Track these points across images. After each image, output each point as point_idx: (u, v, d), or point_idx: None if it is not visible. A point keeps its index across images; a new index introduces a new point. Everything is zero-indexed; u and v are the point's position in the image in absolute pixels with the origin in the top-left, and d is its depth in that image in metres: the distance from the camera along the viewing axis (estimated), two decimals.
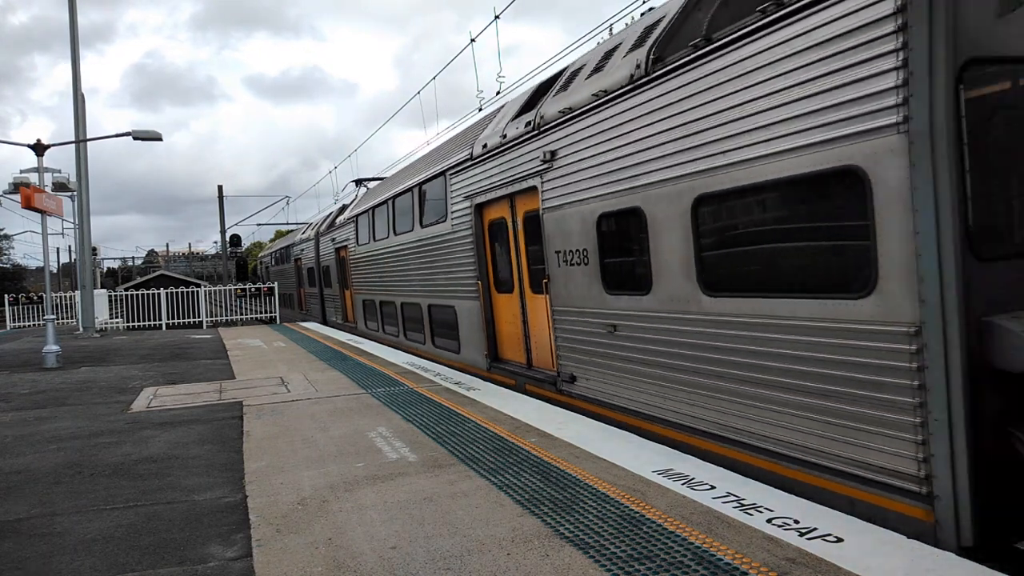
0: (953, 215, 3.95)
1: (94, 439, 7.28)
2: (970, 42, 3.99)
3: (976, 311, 4.03)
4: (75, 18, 20.50)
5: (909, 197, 4.08)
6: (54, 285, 37.62)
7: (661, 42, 6.42)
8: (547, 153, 8.15)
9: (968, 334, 3.98)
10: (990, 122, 4.29)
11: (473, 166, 10.38)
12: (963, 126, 3.99)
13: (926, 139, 3.96)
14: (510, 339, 10.08)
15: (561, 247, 8.07)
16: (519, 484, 5.16)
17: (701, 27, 5.85)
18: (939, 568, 3.41)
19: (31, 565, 4.12)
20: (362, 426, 7.32)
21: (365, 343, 15.92)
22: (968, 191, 4.01)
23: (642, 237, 6.55)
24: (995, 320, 3.99)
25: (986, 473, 3.97)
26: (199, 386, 10.60)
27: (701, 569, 3.65)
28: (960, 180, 3.99)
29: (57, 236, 50.65)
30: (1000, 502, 3.98)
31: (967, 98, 4.00)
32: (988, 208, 4.22)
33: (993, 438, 4.01)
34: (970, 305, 4.00)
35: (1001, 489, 3.99)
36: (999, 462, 3.99)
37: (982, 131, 4.13)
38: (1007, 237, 4.36)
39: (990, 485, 3.97)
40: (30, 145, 17.23)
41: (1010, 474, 3.98)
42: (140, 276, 52.87)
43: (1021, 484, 3.96)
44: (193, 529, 4.57)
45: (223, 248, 44.56)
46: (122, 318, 27.09)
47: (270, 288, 27.41)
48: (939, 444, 4.03)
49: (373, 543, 4.19)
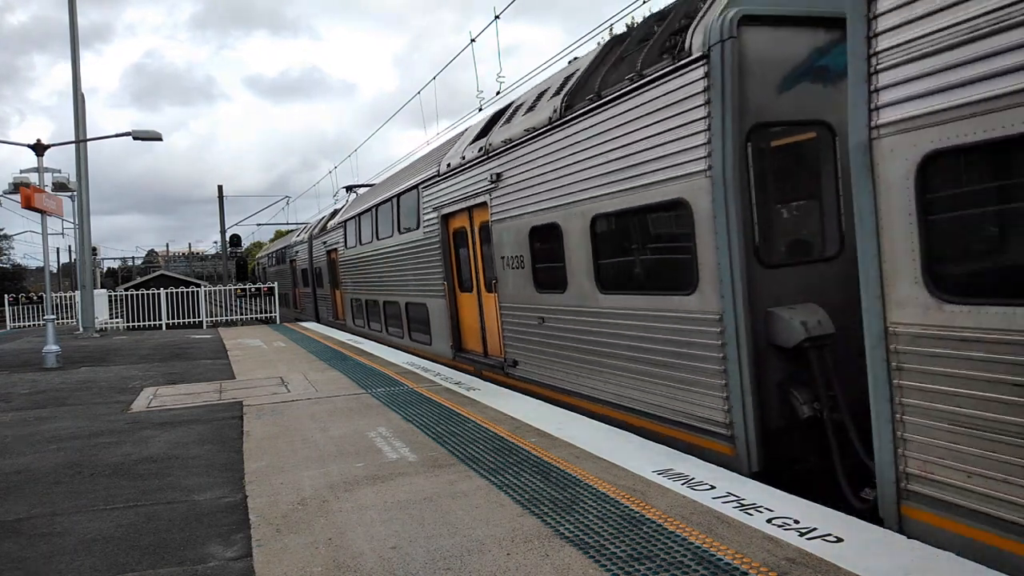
0: (742, 235, 5.48)
1: (94, 439, 7.28)
2: (756, 113, 5.56)
3: (762, 304, 5.60)
4: (75, 18, 20.51)
5: (713, 222, 5.62)
6: (54, 285, 37.63)
7: (572, 92, 7.92)
8: (494, 175, 9.67)
9: (754, 321, 5.54)
10: (770, 168, 5.77)
11: (440, 181, 11.88)
12: (750, 172, 5.57)
13: (721, 181, 5.50)
14: (471, 332, 11.54)
15: (505, 253, 9.57)
16: (519, 484, 5.16)
17: (597, 83, 7.32)
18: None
19: (31, 565, 4.12)
20: (362, 426, 7.32)
21: (365, 343, 15.96)
22: (755, 217, 5.61)
23: (560, 247, 8.08)
24: (774, 310, 5.58)
25: (769, 420, 5.55)
26: (199, 386, 10.60)
27: (701, 569, 3.65)
28: (748, 210, 5.57)
29: (57, 236, 50.65)
30: (780, 440, 5.56)
31: (753, 152, 5.60)
32: (769, 229, 5.76)
33: (776, 396, 5.59)
34: (756, 300, 5.56)
35: (780, 431, 5.57)
36: (779, 413, 5.60)
37: (764, 175, 5.68)
38: (784, 250, 5.90)
39: (771, 429, 5.55)
40: (30, 145, 17.23)
41: (787, 421, 5.58)
42: (140, 276, 52.88)
43: (795, 428, 5.55)
44: (193, 529, 4.57)
45: (223, 248, 44.56)
46: (122, 318, 27.10)
47: (270, 288, 27.42)
48: (735, 400, 5.58)
49: (373, 543, 4.19)
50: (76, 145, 20.80)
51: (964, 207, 3.95)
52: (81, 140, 20.84)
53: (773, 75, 5.67)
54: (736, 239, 5.50)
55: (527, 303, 9.15)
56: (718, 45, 5.49)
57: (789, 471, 5.46)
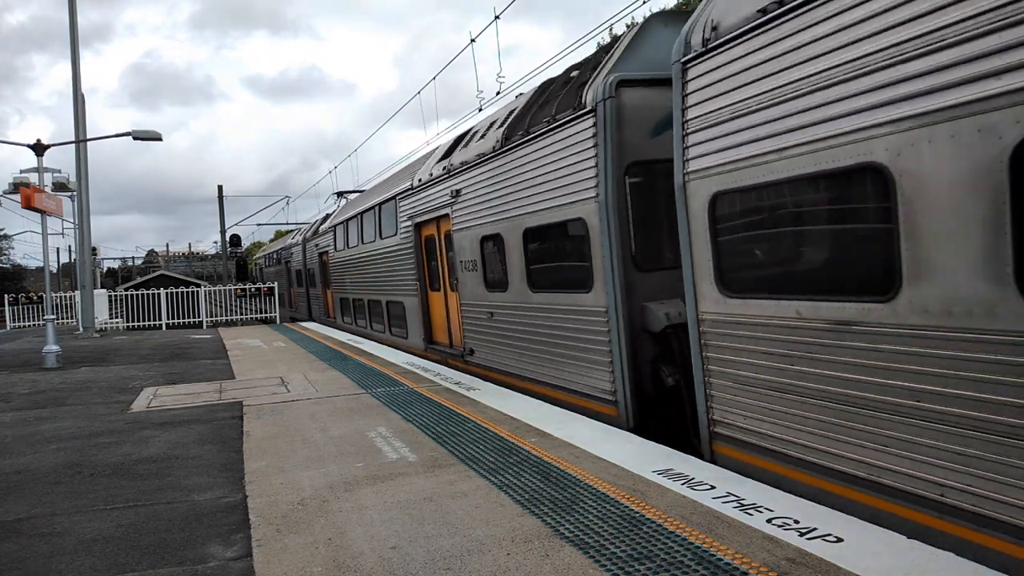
0: (622, 246, 7.12)
1: (94, 439, 7.28)
2: (631, 153, 7.20)
3: (638, 299, 7.21)
4: (75, 18, 20.51)
5: (602, 236, 7.23)
6: (54, 285, 37.63)
7: (511, 125, 9.45)
8: (454, 191, 11.23)
9: (631, 312, 7.17)
10: (642, 195, 7.33)
11: (413, 194, 13.41)
12: (628, 198, 7.23)
13: (605, 205, 7.15)
14: (439, 326, 13.12)
15: (463, 258, 11.10)
16: (519, 484, 5.16)
17: (527, 120, 8.90)
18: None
19: (31, 565, 4.12)
20: (362, 426, 7.32)
21: (365, 343, 15.99)
22: (632, 233, 7.26)
23: (503, 254, 9.62)
24: (647, 304, 7.20)
25: (641, 389, 7.18)
26: (199, 386, 10.60)
27: (701, 569, 3.65)
28: (626, 227, 7.21)
29: (57, 236, 50.65)
30: (651, 403, 7.16)
31: (630, 183, 7.25)
32: (643, 243, 7.33)
33: (648, 370, 7.21)
34: (633, 296, 7.19)
35: (651, 396, 7.17)
36: (651, 383, 7.20)
37: (638, 200, 7.31)
38: (654, 258, 7.36)
39: (644, 396, 7.17)
40: (30, 145, 17.23)
41: (656, 389, 7.15)
42: (140, 276, 52.85)
43: (662, 394, 7.08)
44: (193, 529, 4.57)
45: (223, 248, 44.54)
46: (122, 318, 27.09)
47: (270, 288, 27.44)
48: (618, 374, 7.23)
49: (373, 543, 4.19)
50: (76, 145, 20.80)
51: (735, 232, 5.51)
52: (81, 140, 20.84)
53: (643, 124, 7.27)
54: (618, 249, 7.16)
55: (480, 300, 10.69)
56: (602, 102, 7.16)
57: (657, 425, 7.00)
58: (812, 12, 4.65)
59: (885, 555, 3.66)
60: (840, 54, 4.42)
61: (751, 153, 5.20)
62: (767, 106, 5.05)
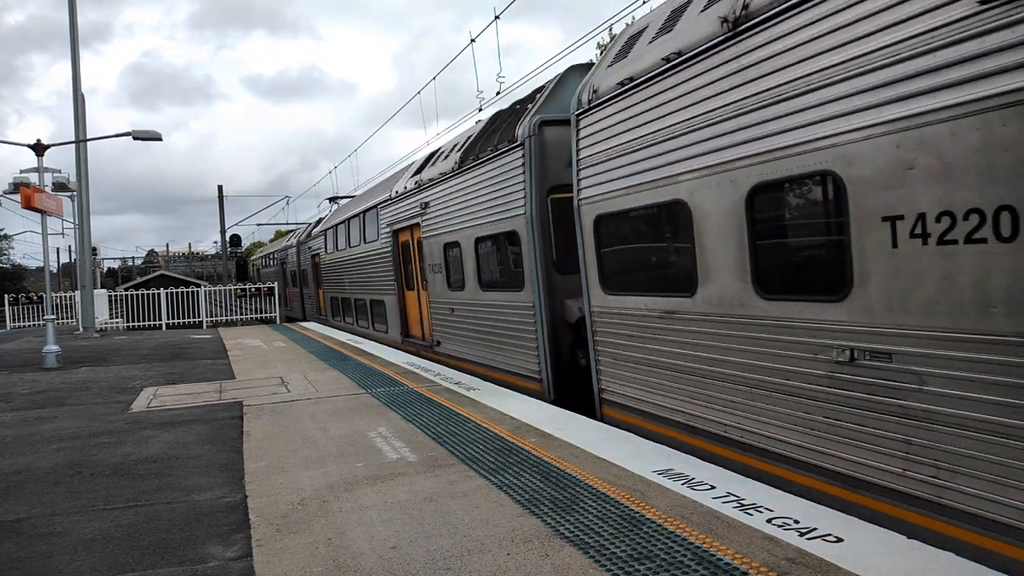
0: (545, 254, 8.80)
1: (94, 439, 7.28)
2: (552, 178, 8.91)
3: (559, 297, 8.86)
4: (75, 18, 20.51)
5: (530, 246, 8.91)
6: (54, 285, 37.61)
7: (466, 149, 11.25)
8: (423, 203, 12.89)
9: (553, 307, 8.84)
10: (561, 213, 8.69)
11: (391, 204, 15.09)
12: (550, 215, 8.89)
13: (531, 220, 8.88)
14: (413, 321, 14.79)
15: (431, 262, 12.78)
16: (519, 484, 5.16)
17: (478, 146, 10.72)
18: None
19: (31, 565, 4.12)
20: (362, 426, 7.32)
21: (365, 343, 16.01)
22: (553, 243, 8.91)
23: (460, 258, 11.33)
24: (565, 300, 8.82)
25: (561, 370, 8.85)
26: (199, 386, 10.60)
27: (701, 569, 3.65)
28: (548, 238, 8.88)
29: (57, 236, 50.62)
30: (568, 380, 8.78)
31: (551, 202, 8.91)
32: (561, 251, 8.82)
33: (566, 353, 8.85)
34: (554, 294, 8.85)
35: (569, 374, 8.79)
36: (568, 364, 8.81)
37: (558, 217, 8.79)
38: (570, 263, 8.42)
39: (563, 374, 8.84)
40: (30, 145, 17.23)
41: (572, 368, 8.75)
42: (140, 276, 52.83)
43: (576, 372, 8.58)
44: (193, 529, 4.57)
45: (223, 248, 44.50)
46: (122, 318, 27.09)
47: (270, 288, 27.46)
48: (542, 357, 8.95)
49: (373, 543, 4.19)
50: (76, 145, 20.80)
51: (610, 245, 7.34)
52: (81, 140, 20.84)
53: (561, 156, 8.68)
54: (542, 256, 8.88)
55: (443, 298, 12.38)
56: (529, 137, 8.93)
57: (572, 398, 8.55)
58: (643, 90, 6.53)
59: (885, 555, 3.66)
60: (661, 122, 6.25)
61: (617, 188, 6.96)
62: (624, 154, 6.82)
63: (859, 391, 4.54)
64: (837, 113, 4.52)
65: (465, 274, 11.23)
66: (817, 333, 4.80)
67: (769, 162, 5.07)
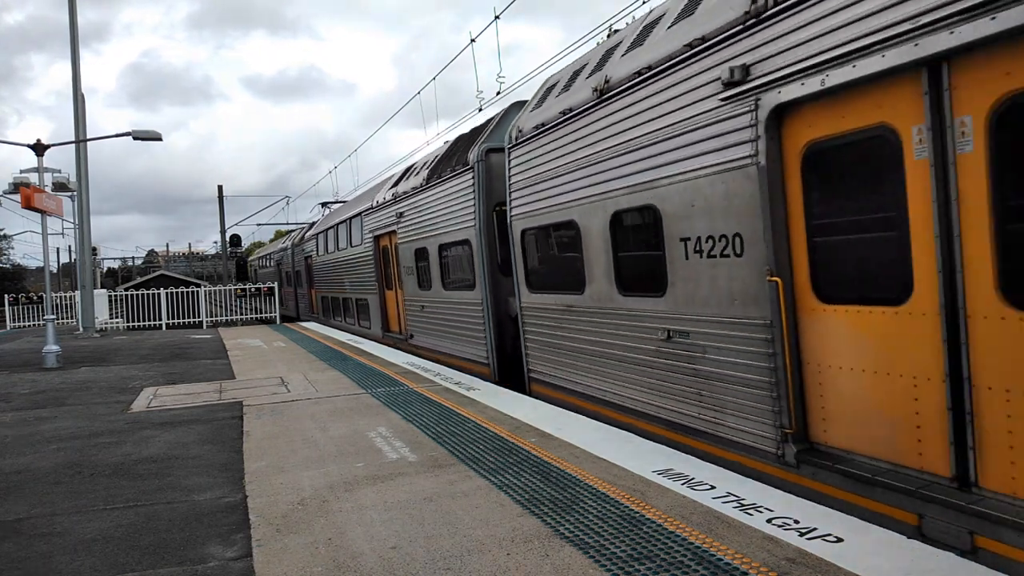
0: (491, 259, 10.39)
1: (94, 439, 7.28)
2: (496, 197, 10.39)
3: (503, 295, 10.40)
4: (75, 18, 20.50)
5: (479, 252, 10.47)
6: (54, 285, 37.61)
7: (433, 168, 12.97)
8: (399, 213, 14.68)
9: (498, 304, 10.46)
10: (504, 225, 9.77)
11: (373, 212, 16.92)
12: (495, 226, 10.35)
13: (480, 231, 10.52)
14: (392, 317, 16.65)
15: (405, 264, 14.52)
16: (519, 484, 5.16)
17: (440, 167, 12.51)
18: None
19: (31, 565, 4.12)
20: (362, 426, 7.32)
21: (364, 343, 16.03)
22: (498, 249, 10.39)
23: (427, 261, 13.07)
24: (508, 298, 10.25)
25: (503, 356, 10.49)
26: (199, 386, 10.60)
27: (701, 569, 3.65)
28: (495, 245, 10.42)
29: (57, 236, 50.66)
30: (511, 364, 10.23)
31: (496, 215, 10.40)
32: (505, 256, 10.12)
33: (509, 342, 10.42)
34: (499, 293, 10.45)
35: (511, 360, 10.26)
36: (511, 351, 10.32)
37: (502, 228, 10.03)
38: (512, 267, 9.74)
39: (506, 359, 10.44)
40: (30, 145, 17.23)
41: (513, 354, 10.17)
42: (140, 276, 52.82)
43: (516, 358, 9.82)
44: (193, 529, 4.57)
45: (223, 248, 44.50)
46: (122, 318, 27.08)
47: (270, 288, 27.48)
48: (489, 345, 10.60)
49: (373, 543, 4.19)
50: (76, 145, 20.79)
51: (532, 254, 9.04)
52: (81, 140, 20.83)
53: (503, 178, 9.80)
54: (488, 261, 10.58)
55: (415, 296, 14.18)
56: (477, 162, 10.67)
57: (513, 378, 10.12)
58: (550, 134, 8.30)
59: (885, 555, 3.66)
60: (561, 160, 8.05)
61: (535, 208, 8.75)
62: (540, 182, 8.57)
63: (672, 360, 6.37)
64: (655, 165, 6.30)
65: (431, 276, 12.99)
66: (651, 319, 6.61)
67: (622, 196, 6.89)
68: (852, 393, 4.73)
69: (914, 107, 4.15)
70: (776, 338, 5.11)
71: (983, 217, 3.84)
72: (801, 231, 5.01)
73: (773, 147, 5.07)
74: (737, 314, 5.45)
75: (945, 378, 4.09)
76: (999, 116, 3.73)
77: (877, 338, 4.52)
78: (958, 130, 3.93)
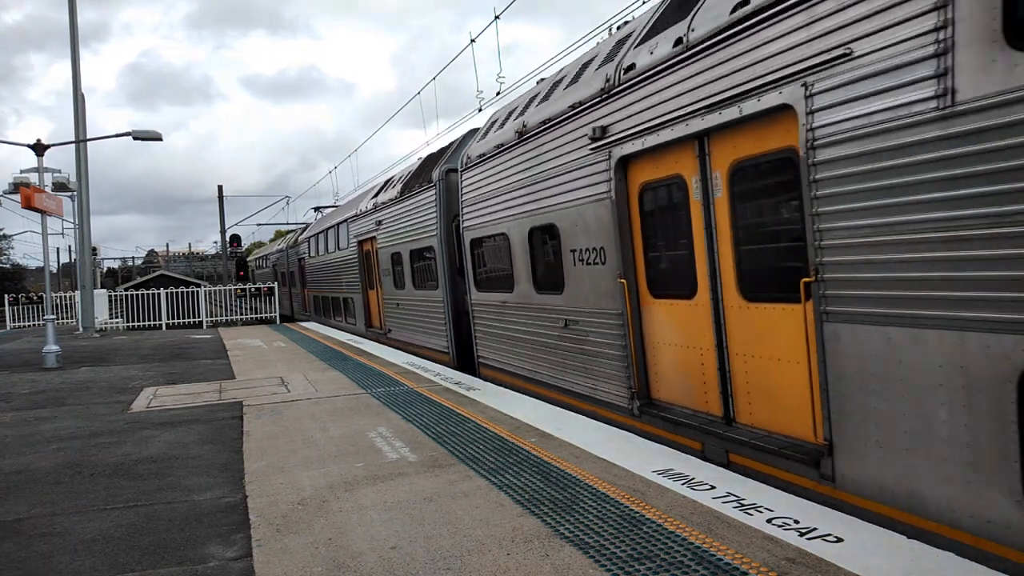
0: (450, 263, 12.34)
1: (94, 439, 7.28)
2: (455, 209, 11.86)
3: (460, 294, 12.15)
4: (75, 18, 20.50)
5: (441, 256, 12.50)
6: (54, 285, 37.59)
7: (406, 183, 14.76)
8: (377, 221, 16.56)
9: (455, 301, 12.41)
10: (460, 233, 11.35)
11: (357, 219, 18.79)
12: (454, 235, 12.09)
13: (441, 239, 12.50)
14: (374, 315, 18.41)
15: (384, 267, 16.38)
16: (519, 484, 5.16)
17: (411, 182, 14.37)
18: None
19: (31, 565, 4.12)
20: (362, 426, 7.32)
21: (364, 343, 16.05)
22: (456, 254, 12.10)
23: (401, 264, 14.87)
24: (463, 296, 11.87)
25: (461, 345, 12.42)
26: (199, 386, 10.60)
27: (701, 569, 3.65)
28: (452, 251, 12.33)
29: (57, 236, 50.59)
30: (467, 352, 11.98)
31: (455, 225, 12.00)
32: (461, 260, 11.49)
33: (465, 333, 12.10)
34: (456, 292, 12.33)
35: (467, 348, 12.01)
36: (466, 341, 12.01)
37: (459, 236, 11.54)
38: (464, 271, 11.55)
39: (463, 348, 12.31)
40: (30, 145, 17.23)
41: (468, 344, 11.85)
42: (140, 276, 52.81)
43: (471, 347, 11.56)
44: (193, 529, 4.57)
45: (223, 248, 44.46)
46: (122, 318, 27.08)
47: (270, 288, 27.50)
48: (448, 337, 12.69)
49: (373, 543, 4.19)
50: (76, 145, 20.79)
51: (479, 259, 10.71)
52: (81, 140, 20.83)
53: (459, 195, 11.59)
54: (448, 265, 12.35)
55: (391, 295, 16.14)
56: (438, 180, 12.47)
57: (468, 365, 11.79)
58: (489, 162, 9.99)
59: (885, 555, 3.66)
60: (496, 184, 9.74)
61: (480, 222, 10.47)
62: (483, 201, 10.27)
63: (568, 342, 8.26)
64: (555, 194, 8.16)
65: (404, 277, 14.80)
66: (555, 312, 8.47)
67: (536, 216, 8.71)
68: (670, 361, 6.68)
69: (693, 164, 6.00)
70: (625, 324, 7.03)
71: (728, 240, 5.69)
72: (640, 246, 6.94)
73: (621, 186, 6.97)
74: (603, 306, 7.42)
75: (714, 348, 5.96)
76: (732, 173, 5.61)
77: (681, 322, 6.45)
78: (713, 181, 5.79)
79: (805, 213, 4.68)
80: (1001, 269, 3.56)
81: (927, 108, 3.84)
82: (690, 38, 5.81)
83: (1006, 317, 3.55)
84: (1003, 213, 3.52)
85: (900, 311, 4.11)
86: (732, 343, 5.78)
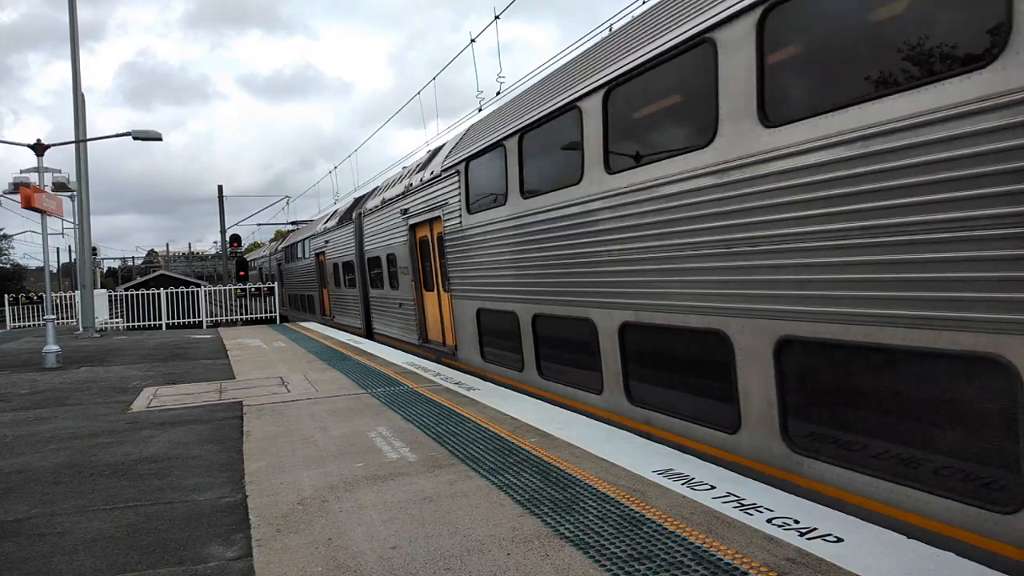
0: (363, 272, 19.14)
1: (94, 439, 7.28)
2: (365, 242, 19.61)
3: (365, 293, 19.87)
4: (75, 18, 20.49)
5: (357, 268, 19.47)
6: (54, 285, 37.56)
7: (341, 217, 21.23)
8: (325, 240, 22.84)
9: (366, 295, 19.49)
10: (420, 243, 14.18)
11: (313, 238, 25.45)
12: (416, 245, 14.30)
13: (357, 255, 19.41)
14: (326, 306, 24.47)
15: (329, 272, 22.60)
16: (519, 484, 5.16)
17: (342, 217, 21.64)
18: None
19: (31, 565, 4.12)
20: (362, 426, 7.32)
21: (364, 343, 16.07)
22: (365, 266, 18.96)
23: (381, 267, 17.02)
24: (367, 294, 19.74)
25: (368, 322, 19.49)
26: (199, 386, 10.60)
27: (701, 569, 3.65)
28: (363, 264, 18.96)
29: (57, 236, 50.59)
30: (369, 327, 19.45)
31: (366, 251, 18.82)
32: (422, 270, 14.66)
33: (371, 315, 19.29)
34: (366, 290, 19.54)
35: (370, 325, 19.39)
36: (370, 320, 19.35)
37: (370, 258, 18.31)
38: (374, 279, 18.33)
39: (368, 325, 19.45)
40: (30, 145, 17.23)
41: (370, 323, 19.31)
42: (140, 276, 52.81)
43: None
44: (193, 529, 4.57)
45: (223, 248, 44.45)
46: (122, 318, 27.08)
47: (270, 288, 27.53)
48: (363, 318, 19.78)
49: (373, 543, 4.20)
50: (76, 145, 20.79)
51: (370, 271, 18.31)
52: (81, 140, 20.83)
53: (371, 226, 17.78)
54: (360, 273, 18.92)
55: (334, 292, 22.46)
56: (356, 219, 19.09)
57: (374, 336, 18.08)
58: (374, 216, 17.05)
59: (885, 555, 3.66)
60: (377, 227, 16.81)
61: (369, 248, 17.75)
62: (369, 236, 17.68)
63: (402, 314, 15.39)
64: (393, 237, 15.31)
65: (340, 280, 21.48)
66: (396, 300, 15.65)
67: (388, 247, 15.70)
68: (432, 321, 13.59)
69: (430, 230, 12.92)
70: (416, 304, 14.00)
71: (439, 265, 12.62)
72: (420, 266, 13.64)
73: (412, 237, 13.88)
74: (409, 296, 14.43)
75: (449, 313, 12.30)
76: (437, 238, 12.56)
77: (433, 303, 13.33)
78: (435, 239, 12.68)
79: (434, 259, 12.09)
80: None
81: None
82: (427, 176, 12.75)
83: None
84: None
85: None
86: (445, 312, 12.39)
